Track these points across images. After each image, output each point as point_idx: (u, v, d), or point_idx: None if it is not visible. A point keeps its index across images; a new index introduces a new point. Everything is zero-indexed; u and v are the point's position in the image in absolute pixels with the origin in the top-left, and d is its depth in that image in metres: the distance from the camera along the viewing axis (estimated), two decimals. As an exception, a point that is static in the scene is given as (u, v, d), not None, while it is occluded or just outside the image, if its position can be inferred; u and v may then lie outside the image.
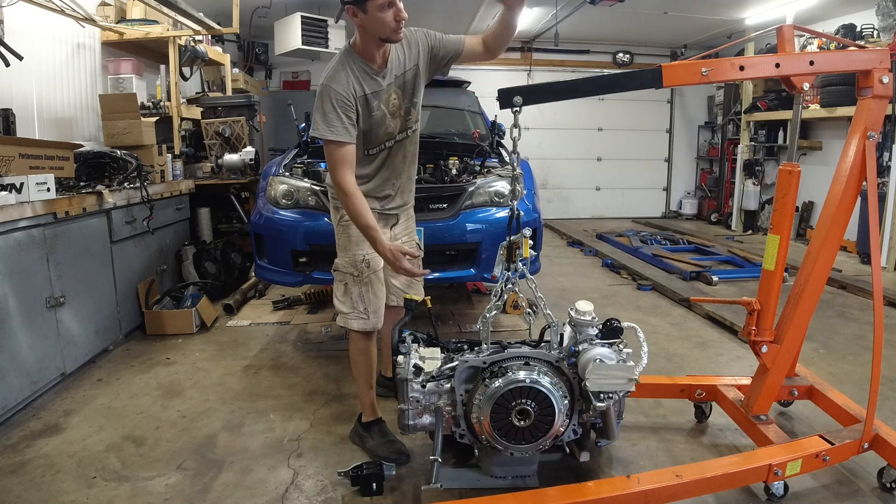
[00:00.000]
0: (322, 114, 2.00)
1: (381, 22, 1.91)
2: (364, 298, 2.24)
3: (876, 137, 1.95)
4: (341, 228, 2.26)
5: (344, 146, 2.01)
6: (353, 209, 2.02)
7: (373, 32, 1.96)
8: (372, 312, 2.26)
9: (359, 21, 1.94)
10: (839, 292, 4.64)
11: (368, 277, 2.23)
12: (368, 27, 1.95)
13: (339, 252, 2.29)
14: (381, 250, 2.02)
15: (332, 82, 2.00)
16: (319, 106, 2.01)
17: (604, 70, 8.92)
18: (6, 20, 3.41)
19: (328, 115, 1.99)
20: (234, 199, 4.71)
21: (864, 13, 6.13)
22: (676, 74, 1.82)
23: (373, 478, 1.92)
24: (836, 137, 6.82)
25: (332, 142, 2.00)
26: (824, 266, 2.06)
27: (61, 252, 2.89)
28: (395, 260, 2.00)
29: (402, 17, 1.93)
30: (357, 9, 1.90)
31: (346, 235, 2.24)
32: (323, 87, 2.02)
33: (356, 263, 2.22)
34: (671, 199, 9.86)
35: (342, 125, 2.00)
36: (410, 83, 2.15)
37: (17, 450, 2.32)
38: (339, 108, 1.99)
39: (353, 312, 2.24)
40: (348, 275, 2.23)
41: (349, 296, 2.24)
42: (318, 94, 2.03)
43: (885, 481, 2.01)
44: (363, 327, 2.25)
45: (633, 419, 2.55)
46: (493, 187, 3.25)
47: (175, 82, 4.96)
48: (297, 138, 3.98)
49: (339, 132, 1.99)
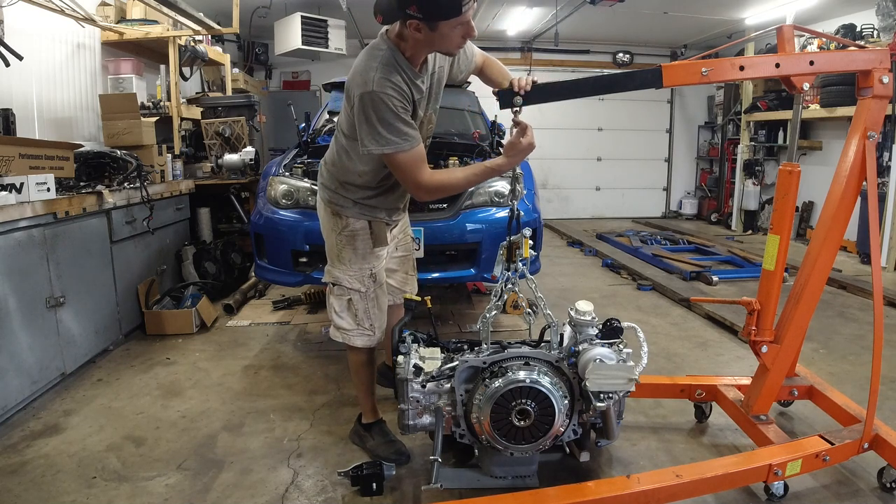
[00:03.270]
0: (383, 125, 1.75)
1: (448, 39, 1.73)
2: (370, 315, 2.14)
3: (876, 137, 1.95)
4: (344, 240, 2.08)
5: (417, 147, 1.81)
6: (459, 183, 1.88)
7: (433, 47, 1.79)
8: (378, 328, 2.17)
9: (421, 36, 1.71)
10: (839, 292, 4.64)
11: (375, 292, 2.13)
12: (429, 42, 1.74)
13: (337, 265, 2.12)
14: (512, 160, 1.81)
15: (387, 89, 1.74)
16: (376, 118, 1.75)
17: (604, 70, 8.92)
18: (6, 20, 3.41)
19: (394, 124, 1.75)
20: (234, 199, 4.71)
21: (864, 13, 6.13)
22: (676, 74, 1.82)
23: (373, 478, 1.92)
24: (836, 137, 6.82)
25: (408, 151, 1.78)
26: (824, 266, 2.05)
27: (61, 252, 2.89)
28: (526, 146, 1.78)
29: (472, 35, 1.75)
30: (424, 25, 1.68)
31: (350, 248, 2.08)
32: (374, 96, 1.73)
33: (363, 279, 2.09)
34: (671, 199, 9.86)
35: (411, 127, 1.80)
36: (437, 87, 2.00)
37: (17, 450, 2.32)
38: (402, 113, 1.78)
39: (356, 329, 2.14)
40: (354, 291, 2.10)
41: (352, 313, 2.13)
42: (369, 104, 1.74)
43: (885, 481, 2.01)
44: (367, 344, 2.17)
45: (633, 419, 2.55)
46: (493, 187, 3.25)
47: (175, 82, 4.96)
48: (297, 138, 3.98)
49: (411, 137, 1.79)
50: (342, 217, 2.07)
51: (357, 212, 2.06)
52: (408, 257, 2.43)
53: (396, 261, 2.39)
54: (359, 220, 2.07)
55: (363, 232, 2.08)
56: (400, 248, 2.38)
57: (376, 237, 2.09)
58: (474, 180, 1.92)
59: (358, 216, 2.06)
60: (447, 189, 1.94)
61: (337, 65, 8.21)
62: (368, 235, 2.08)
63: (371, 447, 2.26)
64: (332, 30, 6.71)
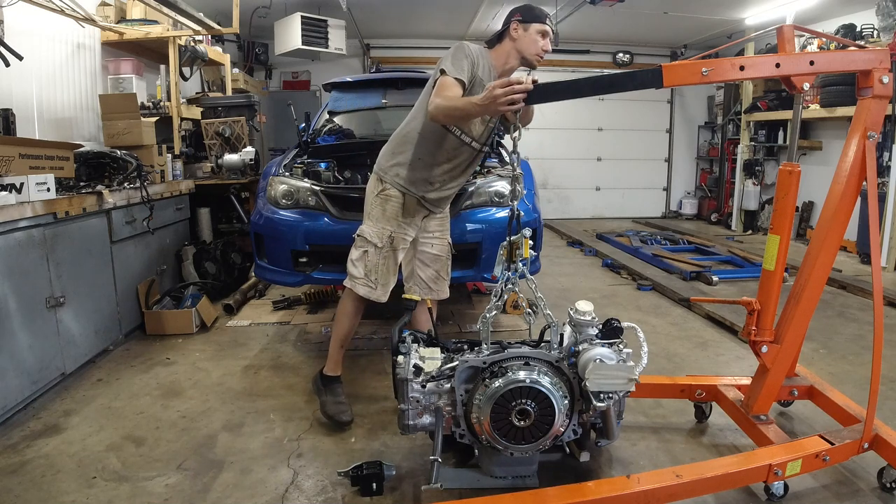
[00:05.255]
0: (454, 57, 2.19)
1: (534, 44, 2.25)
2: (378, 270, 2.39)
3: (876, 137, 1.94)
4: (379, 200, 2.41)
5: (458, 83, 2.15)
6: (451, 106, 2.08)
7: (521, 50, 2.27)
8: (381, 285, 2.41)
9: (517, 35, 2.26)
10: (839, 292, 4.64)
11: (388, 252, 2.40)
12: (521, 44, 2.26)
13: (367, 220, 2.43)
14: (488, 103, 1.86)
15: (472, 46, 2.24)
16: (452, 52, 2.21)
17: (604, 70, 8.92)
18: (6, 20, 3.41)
19: (459, 59, 2.18)
20: (234, 199, 4.71)
21: (864, 13, 6.13)
22: (677, 74, 1.82)
23: (373, 478, 1.91)
24: (836, 137, 6.83)
25: (451, 78, 2.14)
26: (824, 266, 2.05)
27: (61, 252, 2.89)
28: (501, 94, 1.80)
29: (547, 50, 2.27)
30: (523, 25, 2.25)
31: (381, 208, 2.40)
32: (462, 43, 2.24)
33: (382, 237, 2.39)
34: (671, 199, 9.86)
35: (465, 68, 2.17)
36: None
37: (17, 450, 2.32)
38: (468, 60, 2.19)
39: (362, 279, 2.40)
40: (371, 244, 2.39)
41: (364, 262, 2.40)
42: (455, 47, 2.23)
43: (885, 481, 2.01)
44: (368, 295, 2.40)
45: (633, 419, 2.55)
46: (493, 187, 3.25)
47: (175, 82, 4.96)
48: (297, 138, 3.98)
49: (462, 70, 2.16)
50: (383, 182, 2.42)
51: (397, 182, 2.40)
52: (441, 258, 2.58)
53: (430, 257, 2.57)
54: (395, 188, 2.40)
55: (396, 199, 2.41)
56: (435, 247, 2.57)
57: (406, 208, 2.42)
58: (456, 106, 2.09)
59: (396, 185, 2.40)
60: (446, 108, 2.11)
61: (337, 65, 8.23)
62: (400, 204, 2.41)
63: (322, 401, 2.51)
64: (332, 30, 6.71)
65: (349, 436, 2.43)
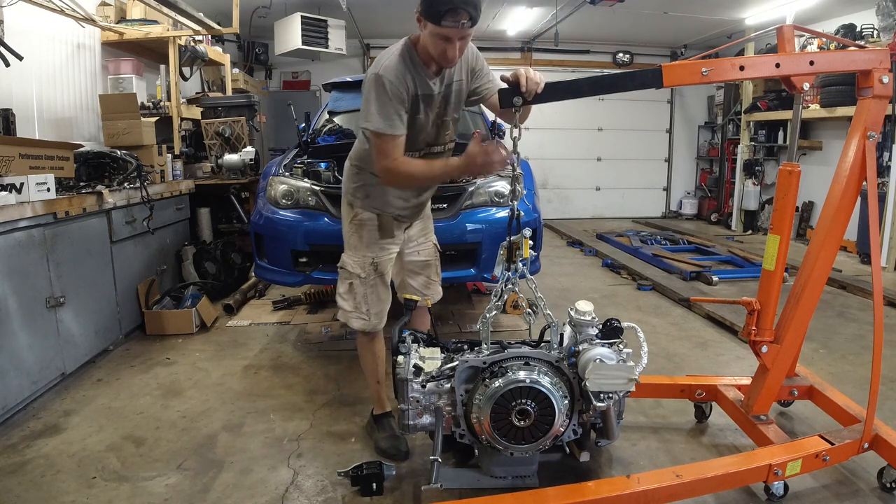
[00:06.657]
0: (378, 104, 1.91)
1: (434, 46, 1.88)
2: (367, 300, 2.25)
3: (876, 137, 1.95)
4: (353, 227, 2.24)
5: (398, 139, 1.95)
6: (421, 176, 2.03)
7: (427, 48, 1.93)
8: (374, 315, 2.27)
9: (422, 30, 1.91)
10: (839, 292, 4.64)
11: (374, 280, 2.24)
12: (425, 41, 1.91)
13: (347, 250, 2.28)
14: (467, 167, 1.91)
15: (390, 74, 1.91)
16: (374, 97, 1.92)
17: (604, 70, 8.92)
18: (6, 20, 3.41)
19: (385, 106, 1.90)
20: (234, 199, 4.71)
21: (864, 13, 6.13)
22: (677, 74, 1.82)
23: (373, 478, 1.92)
24: (836, 137, 6.82)
25: (388, 136, 1.92)
26: (824, 266, 2.05)
27: (61, 252, 2.89)
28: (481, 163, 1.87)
29: (449, 58, 1.89)
30: (425, 21, 1.85)
31: (357, 236, 2.23)
32: (378, 77, 1.90)
33: (364, 266, 2.23)
34: (671, 199, 9.86)
35: (399, 119, 1.93)
36: (455, 97, 2.12)
37: (17, 450, 2.32)
38: (395, 100, 1.91)
39: (354, 312, 2.26)
40: (355, 275, 2.24)
41: (353, 295, 2.25)
42: (372, 83, 1.92)
43: (885, 481, 2.01)
44: (363, 327, 2.27)
45: (633, 419, 2.55)
46: (493, 187, 3.25)
47: (175, 82, 4.96)
48: (297, 138, 3.98)
49: (396, 126, 1.93)
50: (353, 207, 2.25)
51: (367, 204, 2.21)
52: (430, 262, 2.45)
53: (419, 265, 2.42)
54: (367, 211, 2.22)
55: (370, 223, 2.22)
56: (422, 254, 2.42)
57: (383, 229, 2.23)
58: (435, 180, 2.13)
59: (367, 208, 2.22)
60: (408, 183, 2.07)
61: (337, 65, 8.22)
62: (375, 227, 2.22)
63: (375, 439, 2.35)
64: (331, 30, 6.71)
65: (349, 436, 2.43)
